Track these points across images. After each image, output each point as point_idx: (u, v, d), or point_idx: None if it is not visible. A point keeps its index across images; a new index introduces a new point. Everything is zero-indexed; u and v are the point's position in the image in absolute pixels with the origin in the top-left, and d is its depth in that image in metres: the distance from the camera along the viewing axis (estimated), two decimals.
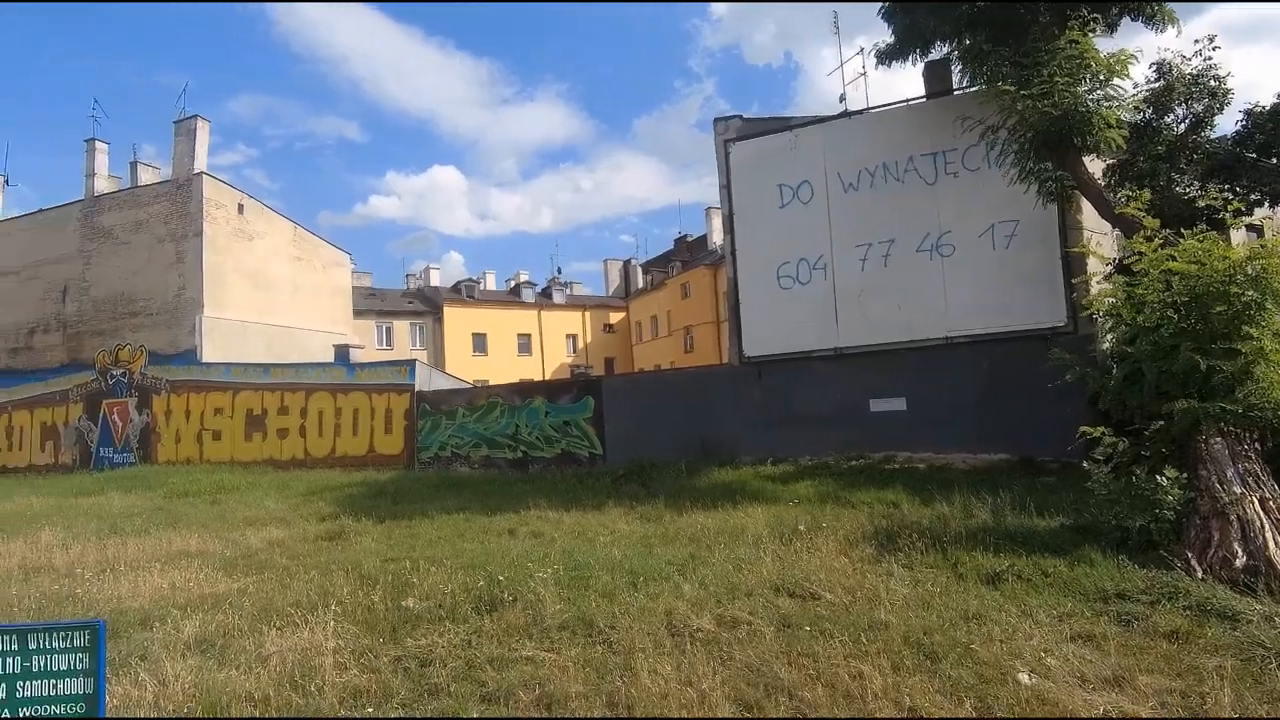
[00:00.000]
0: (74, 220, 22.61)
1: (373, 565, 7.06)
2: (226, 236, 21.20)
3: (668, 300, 47.05)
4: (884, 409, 12.97)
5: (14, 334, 23.12)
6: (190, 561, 7.84)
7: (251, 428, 19.27)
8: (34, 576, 7.42)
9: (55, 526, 10.34)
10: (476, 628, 4.93)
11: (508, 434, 16.75)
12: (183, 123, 21.43)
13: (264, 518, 11.10)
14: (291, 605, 5.66)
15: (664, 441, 14.40)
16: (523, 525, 9.24)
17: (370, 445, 18.24)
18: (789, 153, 14.00)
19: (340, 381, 18.77)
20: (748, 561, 6.34)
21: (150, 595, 6.39)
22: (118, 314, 21.44)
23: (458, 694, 3.88)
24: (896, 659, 4.13)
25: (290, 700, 3.86)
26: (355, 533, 9.30)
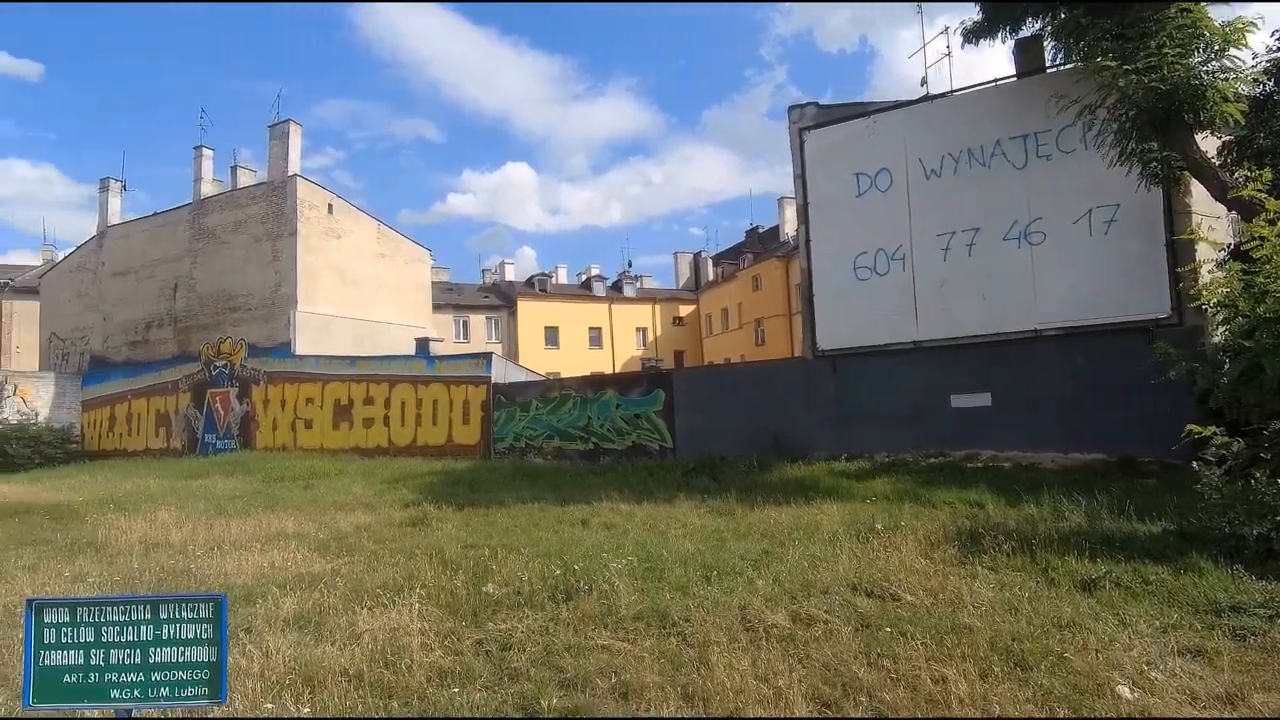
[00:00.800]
0: (183, 222, 24.33)
1: (453, 551, 7.32)
2: (318, 235, 22.33)
3: (738, 292, 46.57)
4: (966, 405, 12.45)
5: (133, 328, 25.11)
6: (287, 542, 8.33)
7: (339, 417, 20.27)
8: (153, 552, 8.07)
9: (170, 506, 11.18)
10: (553, 615, 5.05)
11: (579, 426, 16.99)
12: (277, 127, 22.67)
13: (352, 503, 11.66)
14: (380, 587, 5.94)
15: (734, 435, 14.30)
16: (595, 516, 9.37)
17: (449, 435, 18.87)
18: (866, 139, 13.57)
19: (421, 373, 19.49)
20: (823, 559, 6.23)
21: (253, 573, 6.84)
22: (221, 309, 22.96)
23: (536, 679, 3.99)
24: (983, 665, 3.98)
25: (382, 676, 4.06)
26: (436, 519, 9.66)
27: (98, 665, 2.39)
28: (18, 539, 9.09)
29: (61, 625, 2.41)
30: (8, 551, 8.27)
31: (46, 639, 2.41)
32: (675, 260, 57.65)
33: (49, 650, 2.40)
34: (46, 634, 2.41)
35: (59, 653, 2.41)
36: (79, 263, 27.64)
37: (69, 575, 7.02)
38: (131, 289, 25.34)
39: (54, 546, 8.59)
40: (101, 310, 26.16)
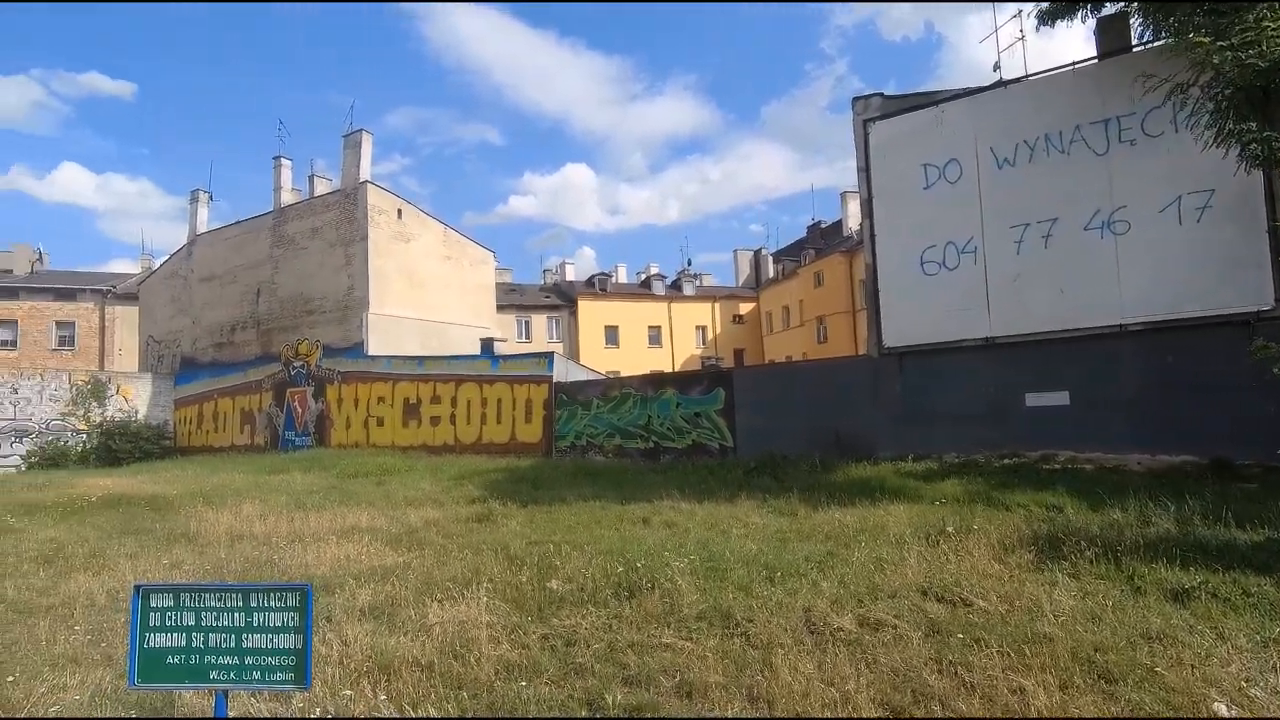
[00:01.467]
0: (264, 230, 25.63)
1: (518, 547, 7.46)
2: (387, 240, 23.16)
3: (800, 289, 45.82)
4: (1042, 404, 11.91)
5: (219, 331, 26.63)
6: (361, 536, 8.67)
7: (408, 415, 20.96)
8: (238, 543, 8.54)
9: (254, 500, 11.78)
10: (617, 612, 5.10)
11: (640, 425, 17.07)
12: (350, 136, 23.62)
13: (421, 498, 12.04)
14: (448, 580, 6.13)
15: (796, 435, 14.08)
16: (656, 515, 9.39)
17: (512, 433, 19.26)
18: (935, 129, 13.12)
19: (485, 373, 19.96)
20: (890, 562, 6.08)
21: (330, 564, 7.15)
22: (299, 312, 24.09)
23: (601, 675, 4.04)
24: (1064, 676, 3.80)
25: (451, 668, 4.19)
26: (501, 516, 9.87)
27: (197, 648, 2.57)
28: (121, 528, 9.76)
29: (165, 610, 2.60)
30: (112, 540, 8.89)
31: (152, 622, 2.59)
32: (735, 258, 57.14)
33: (153, 633, 2.59)
34: (152, 617, 2.59)
35: (163, 635, 2.59)
36: (172, 270, 29.49)
37: (166, 563, 7.50)
38: (218, 294, 26.86)
39: (152, 536, 9.19)
40: (191, 314, 27.83)
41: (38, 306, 41.41)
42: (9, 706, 3.88)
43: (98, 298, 42.05)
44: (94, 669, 4.39)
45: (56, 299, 41.94)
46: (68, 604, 6.02)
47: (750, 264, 56.37)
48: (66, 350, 41.01)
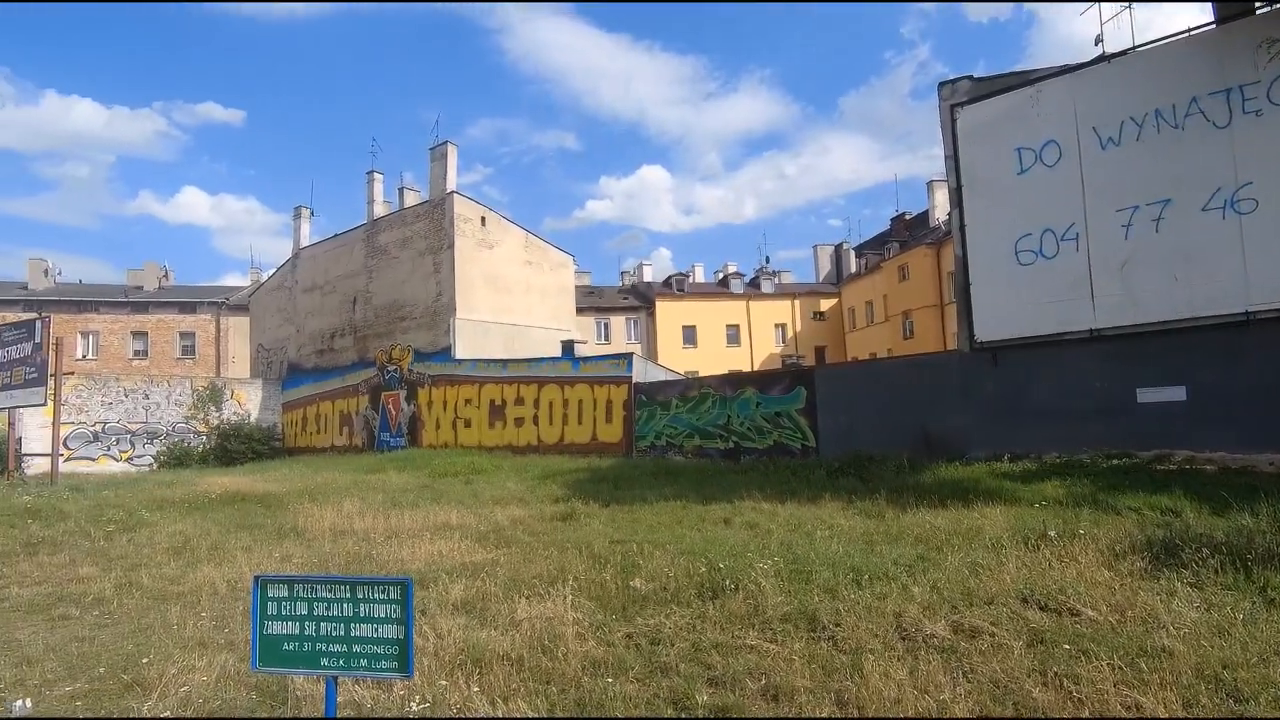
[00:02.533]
0: (359, 241, 27.08)
1: (601, 546, 7.57)
2: (472, 247, 24.00)
3: (884, 284, 44.33)
4: (1156, 399, 11.05)
5: (321, 338, 28.32)
6: (452, 533, 9.01)
7: (494, 416, 21.63)
8: (340, 538, 9.05)
9: (353, 498, 12.44)
10: (700, 612, 5.09)
11: (719, 424, 16.98)
12: (436, 149, 24.62)
13: (507, 497, 12.39)
14: (535, 578, 6.29)
15: (882, 434, 13.64)
16: (737, 515, 9.31)
17: (593, 434, 19.55)
18: (1030, 111, 12.40)
19: (566, 374, 20.35)
20: (986, 567, 5.79)
21: (424, 560, 7.48)
22: (392, 319, 25.31)
23: (686, 674, 4.04)
24: (1186, 694, 3.52)
25: (540, 663, 4.30)
26: (584, 515, 10.03)
27: (310, 636, 2.76)
28: (236, 524, 10.53)
29: (281, 599, 2.80)
30: (230, 534, 9.61)
31: (269, 611, 2.81)
32: (815, 253, 55.91)
33: (271, 620, 2.80)
34: (269, 606, 2.81)
35: (279, 623, 2.80)
36: (278, 282, 31.60)
37: (278, 556, 8.04)
38: (319, 303, 28.57)
39: (265, 531, 9.87)
40: (296, 323, 29.72)
41: (164, 319, 45.40)
42: (146, 685, 4.26)
43: (214, 310, 45.64)
44: (219, 652, 4.77)
45: (180, 312, 45.85)
46: (194, 592, 6.56)
47: (831, 259, 55.01)
48: (188, 359, 44.74)
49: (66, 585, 7.09)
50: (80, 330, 42.65)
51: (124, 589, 6.79)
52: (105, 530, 9.78)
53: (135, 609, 6.19)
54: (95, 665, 4.73)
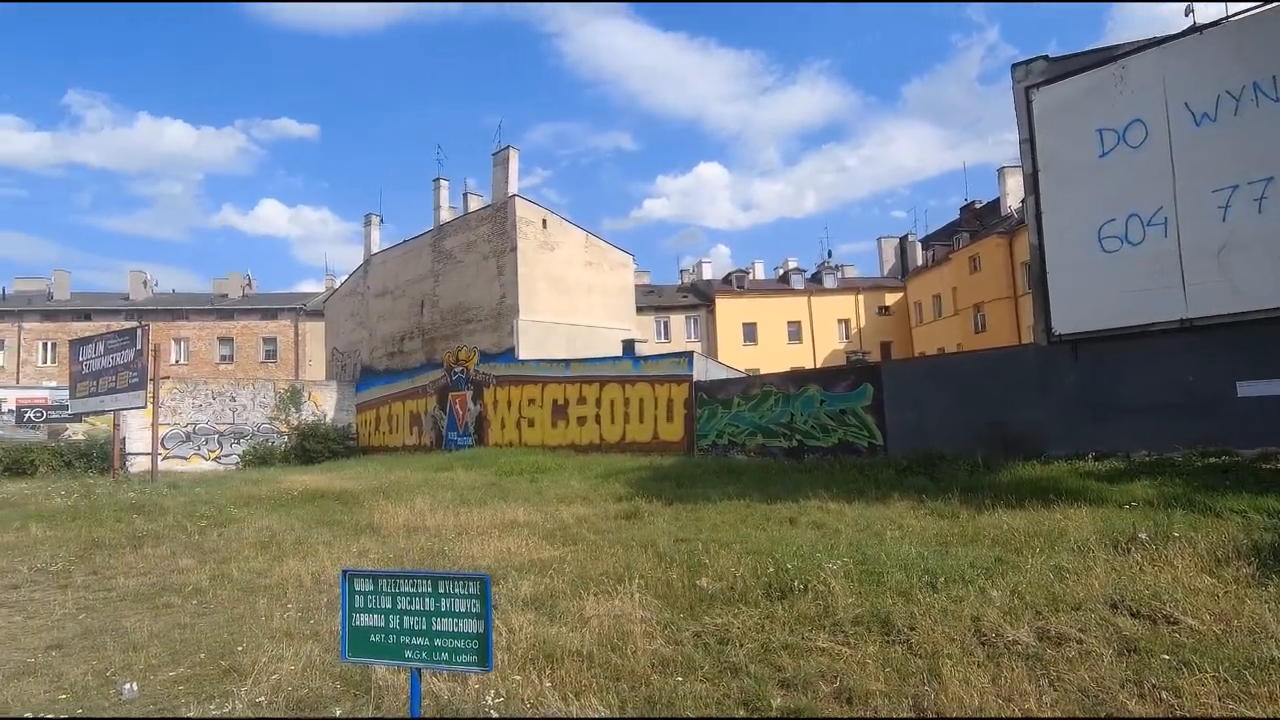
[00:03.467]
0: (426, 247, 27.92)
1: (666, 544, 7.58)
2: (534, 249, 24.40)
3: (953, 276, 42.84)
4: (1260, 393, 10.29)
5: (392, 341, 29.34)
6: (519, 530, 9.19)
7: (556, 416, 21.94)
8: (413, 535, 9.35)
9: (424, 495, 12.83)
10: (768, 613, 5.04)
11: (782, 422, 16.75)
12: (498, 154, 25.15)
13: (571, 496, 12.53)
14: (601, 575, 6.35)
15: (953, 432, 13.17)
16: (803, 515, 9.17)
17: (654, 432, 19.58)
18: (1112, 89, 11.73)
19: (627, 373, 20.45)
20: (1072, 571, 5.52)
21: (494, 556, 7.65)
22: (458, 321, 26.00)
23: (756, 675, 4.01)
24: None
25: (609, 660, 4.34)
26: (648, 513, 10.05)
27: (394, 628, 2.87)
28: (317, 520, 11.02)
29: (367, 593, 2.93)
30: (312, 529, 10.06)
31: (357, 604, 2.93)
32: (879, 246, 54.50)
33: (358, 613, 2.93)
34: (356, 599, 2.94)
35: (366, 615, 2.92)
36: (351, 287, 32.90)
37: (355, 551, 8.38)
38: (389, 307, 29.60)
39: (343, 527, 10.30)
40: (368, 327, 30.89)
41: (248, 325, 48.05)
42: (241, 672, 4.51)
43: (293, 315, 47.99)
44: (305, 642, 5.01)
45: (262, 318, 48.42)
46: (281, 585, 6.90)
47: (895, 252, 53.52)
48: (270, 363, 47.20)
49: (168, 576, 7.57)
50: (174, 337, 45.51)
51: (218, 580, 7.20)
52: (199, 525, 10.40)
53: (228, 599, 6.57)
54: (196, 652, 5.04)
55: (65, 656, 5.15)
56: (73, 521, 10.83)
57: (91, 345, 19.95)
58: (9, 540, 9.59)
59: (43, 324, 46.83)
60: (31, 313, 47.04)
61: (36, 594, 7.07)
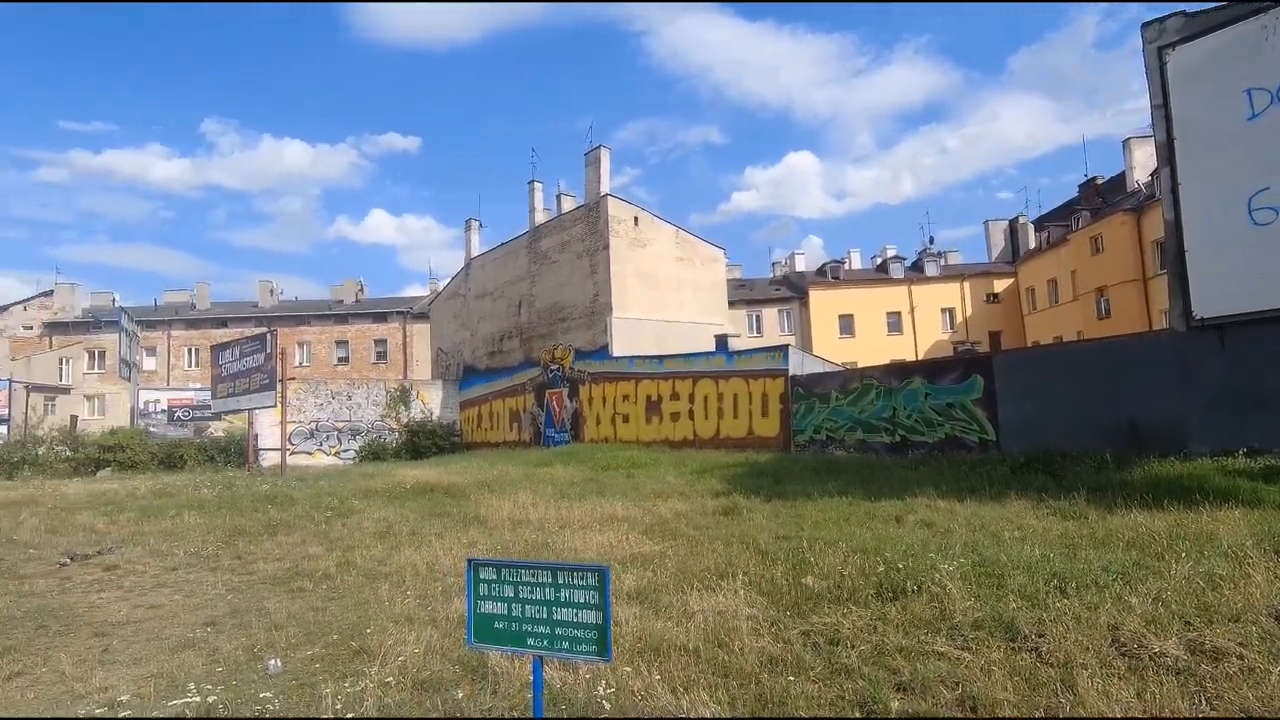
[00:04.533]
0: (522, 249, 28.80)
1: (767, 541, 7.48)
2: (626, 247, 24.65)
3: (1071, 258, 39.86)
4: None
5: (491, 341, 30.47)
6: (618, 525, 9.30)
7: (650, 412, 22.09)
8: (517, 528, 9.66)
9: (526, 490, 13.25)
10: (880, 614, 4.86)
11: (884, 417, 16.14)
12: (590, 154, 25.57)
13: (668, 491, 12.58)
14: (703, 571, 6.33)
15: (1076, 426, 12.26)
16: (910, 513, 8.81)
17: (749, 428, 19.36)
18: (1262, 43, 10.49)
19: (721, 369, 20.31)
20: (1226, 578, 5.00)
21: (595, 550, 7.79)
22: (553, 320, 26.66)
23: (870, 678, 3.87)
24: None
25: (716, 655, 4.32)
26: (746, 509, 9.95)
27: (516, 616, 2.97)
28: (428, 512, 11.59)
29: (491, 581, 3.05)
30: (424, 521, 10.60)
31: (481, 591, 3.06)
32: (986, 230, 51.42)
33: (482, 600, 3.06)
34: (481, 588, 3.06)
35: (490, 603, 3.04)
36: (453, 290, 34.42)
37: (465, 542, 8.75)
38: (489, 308, 30.75)
39: (452, 519, 10.78)
40: (469, 328, 32.21)
41: (361, 329, 51.33)
42: (369, 653, 4.81)
43: (400, 318, 50.83)
44: (424, 627, 5.28)
45: (373, 322, 51.60)
46: (399, 572, 7.31)
47: (1005, 235, 50.36)
48: (381, 363, 50.21)
49: (300, 562, 8.18)
50: (297, 341, 49.17)
51: (344, 567, 7.71)
52: (325, 515, 11.18)
53: (353, 585, 7.02)
54: (329, 633, 5.42)
55: (218, 633, 5.66)
56: (218, 510, 11.90)
57: (228, 350, 21.88)
58: (167, 526, 10.66)
59: (187, 332, 51.79)
60: (178, 321, 52.14)
61: (191, 575, 7.82)
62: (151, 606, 6.61)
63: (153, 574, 7.93)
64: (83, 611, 6.49)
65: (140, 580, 7.67)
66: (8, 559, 8.79)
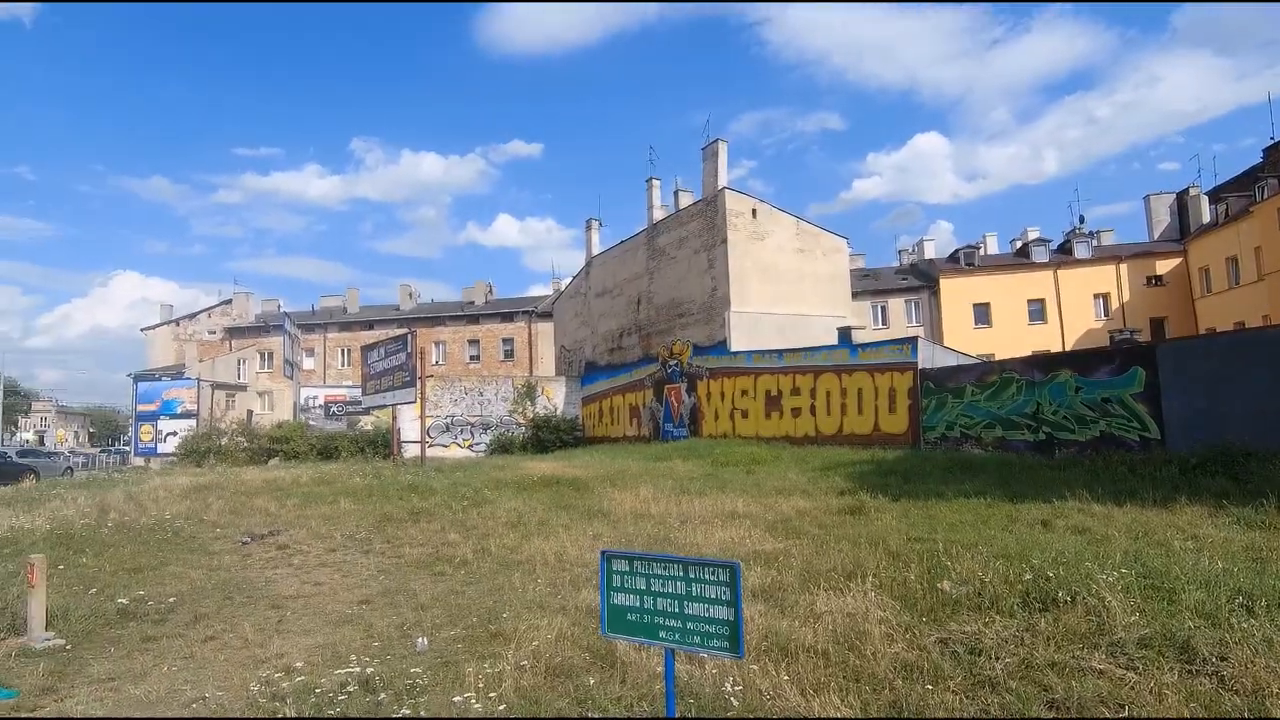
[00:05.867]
0: (641, 246, 29.19)
1: (897, 542, 7.16)
2: (745, 240, 24.35)
3: (1255, 233, 35.10)
4: None
5: (611, 338, 31.15)
6: (740, 521, 9.25)
7: (770, 407, 21.71)
8: (640, 521, 9.83)
9: (646, 484, 13.43)
10: (1028, 625, 4.52)
11: (1026, 413, 14.97)
12: (708, 148, 25.47)
13: (789, 488, 12.33)
14: (829, 571, 6.17)
15: (1262, 423, 10.79)
16: (1059, 518, 8.13)
17: (875, 424, 18.57)
18: None
19: (844, 363, 19.63)
20: None
21: (717, 546, 7.78)
22: (671, 316, 26.84)
23: (1018, 693, 3.62)
24: None
25: (847, 659, 4.20)
26: (873, 509, 9.57)
27: (649, 609, 3.04)
28: (554, 503, 12.04)
29: (623, 573, 3.14)
30: (550, 513, 11.02)
31: (614, 583, 3.16)
32: (1146, 205, 46.31)
33: (615, 592, 3.15)
34: (614, 579, 3.16)
35: (622, 594, 3.13)
36: (574, 289, 35.50)
37: (590, 534, 9.02)
38: (609, 306, 31.44)
39: (577, 511, 11.14)
40: (590, 325, 33.10)
41: (490, 329, 54.25)
42: (506, 637, 5.07)
43: (526, 318, 53.19)
44: (555, 615, 5.50)
45: (501, 321, 54.38)
46: (530, 561, 7.66)
47: (1170, 210, 45.14)
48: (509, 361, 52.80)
49: (440, 548, 8.78)
50: (434, 340, 52.69)
51: (480, 554, 8.19)
52: (462, 505, 11.90)
53: (489, 571, 7.44)
54: (468, 615, 5.79)
55: (372, 610, 6.20)
56: (368, 498, 12.99)
57: (375, 350, 23.78)
58: (326, 511, 11.77)
59: (339, 334, 56.88)
60: (332, 324, 57.40)
61: (348, 556, 8.60)
62: (316, 584, 7.33)
63: (316, 554, 8.79)
64: (261, 585, 7.31)
65: (306, 559, 8.53)
66: (199, 537, 10.05)
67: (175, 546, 9.37)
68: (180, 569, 8.05)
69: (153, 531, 10.20)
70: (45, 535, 9.83)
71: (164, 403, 43.32)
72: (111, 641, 5.56)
